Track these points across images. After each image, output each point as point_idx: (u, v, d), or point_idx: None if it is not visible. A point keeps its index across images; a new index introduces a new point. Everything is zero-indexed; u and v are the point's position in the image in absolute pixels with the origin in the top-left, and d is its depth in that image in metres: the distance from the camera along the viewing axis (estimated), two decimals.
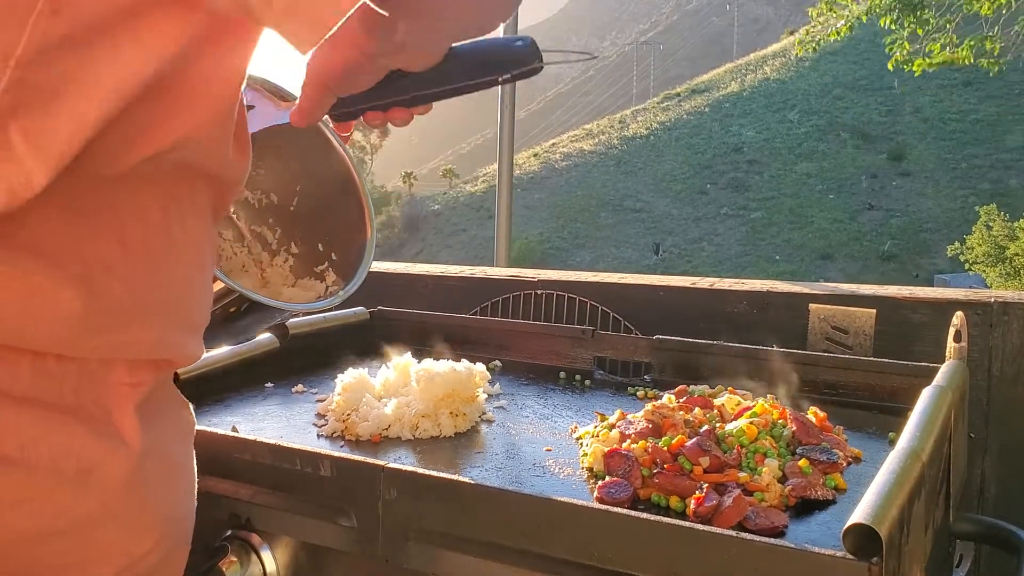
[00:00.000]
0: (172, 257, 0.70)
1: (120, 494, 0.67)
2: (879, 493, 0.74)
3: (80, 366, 0.64)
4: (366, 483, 0.93)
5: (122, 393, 0.67)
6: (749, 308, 1.77)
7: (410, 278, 2.21)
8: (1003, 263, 26.51)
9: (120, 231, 0.64)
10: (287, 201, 1.15)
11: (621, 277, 2.02)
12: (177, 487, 0.77)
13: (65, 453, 0.63)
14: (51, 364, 0.62)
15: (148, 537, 0.71)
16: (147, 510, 0.71)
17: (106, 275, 0.63)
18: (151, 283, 0.67)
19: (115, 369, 0.67)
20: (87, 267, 0.62)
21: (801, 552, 0.71)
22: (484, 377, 1.30)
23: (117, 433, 0.67)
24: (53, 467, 0.62)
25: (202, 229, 0.73)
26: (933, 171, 48.36)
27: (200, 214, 0.73)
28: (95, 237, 0.62)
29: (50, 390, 0.62)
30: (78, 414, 0.64)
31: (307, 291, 1.13)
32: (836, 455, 1.01)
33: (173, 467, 0.76)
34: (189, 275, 0.73)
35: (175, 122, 0.64)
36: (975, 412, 1.54)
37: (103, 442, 0.65)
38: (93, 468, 0.64)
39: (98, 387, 0.66)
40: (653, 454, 0.98)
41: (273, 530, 1.03)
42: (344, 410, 1.21)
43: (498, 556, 0.87)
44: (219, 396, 1.34)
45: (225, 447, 1.03)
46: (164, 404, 0.75)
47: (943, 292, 1.70)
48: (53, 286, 0.60)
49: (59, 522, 0.63)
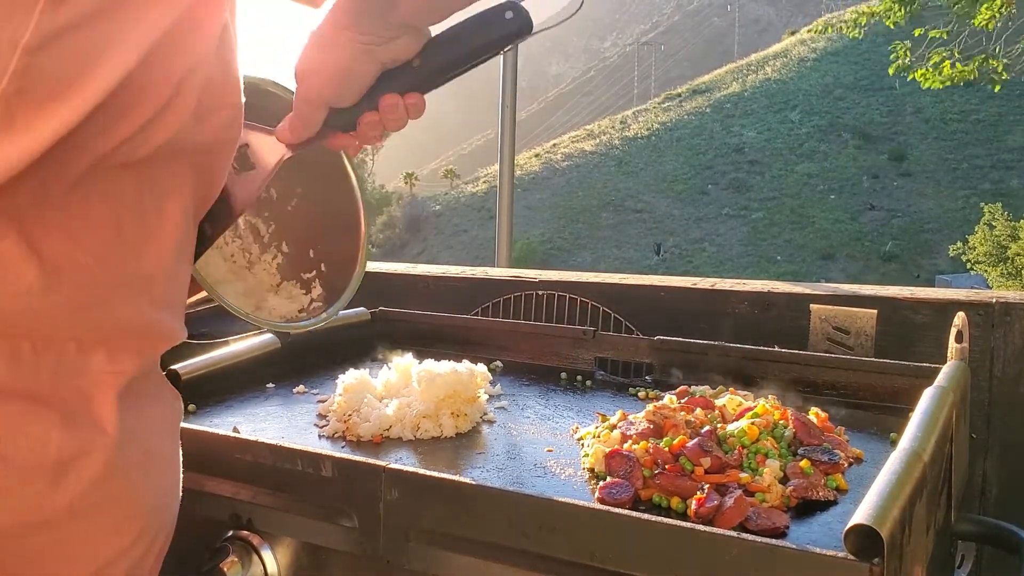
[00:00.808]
0: (147, 236, 0.68)
1: (100, 485, 0.66)
2: (880, 494, 0.74)
3: (57, 354, 0.63)
4: (367, 484, 0.93)
5: (102, 381, 0.66)
6: (750, 309, 1.77)
7: (411, 278, 2.21)
8: (1004, 263, 26.51)
9: (86, 207, 0.63)
10: (286, 200, 1.14)
11: (622, 278, 2.02)
12: (161, 477, 0.75)
13: (42, 445, 0.62)
14: (26, 353, 0.61)
15: (131, 528, 0.70)
16: (129, 501, 0.70)
17: (73, 247, 0.62)
18: (123, 259, 0.66)
19: (95, 356, 0.66)
20: (51, 238, 0.61)
21: (802, 553, 0.71)
22: (485, 378, 1.30)
23: (96, 423, 0.65)
24: (31, 459, 0.61)
25: (179, 212, 0.72)
26: (934, 171, 48.34)
27: (179, 199, 0.72)
28: (61, 210, 0.61)
29: (26, 380, 0.61)
30: (55, 404, 0.63)
31: (290, 301, 1.12)
32: (837, 456, 1.01)
33: (156, 457, 0.74)
34: (164, 255, 0.71)
35: (147, 107, 0.63)
36: (976, 413, 1.54)
37: (81, 432, 0.64)
38: (71, 459, 0.63)
39: (77, 375, 0.65)
40: (654, 455, 0.98)
41: (274, 531, 1.03)
42: (345, 411, 1.21)
43: (499, 557, 0.87)
44: (220, 397, 1.34)
45: (226, 448, 1.03)
46: (148, 392, 0.73)
47: (944, 292, 1.70)
48: (15, 257, 0.59)
49: (38, 515, 0.63)
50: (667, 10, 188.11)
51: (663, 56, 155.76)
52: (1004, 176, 46.26)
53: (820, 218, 46.20)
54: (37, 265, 0.60)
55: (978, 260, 27.91)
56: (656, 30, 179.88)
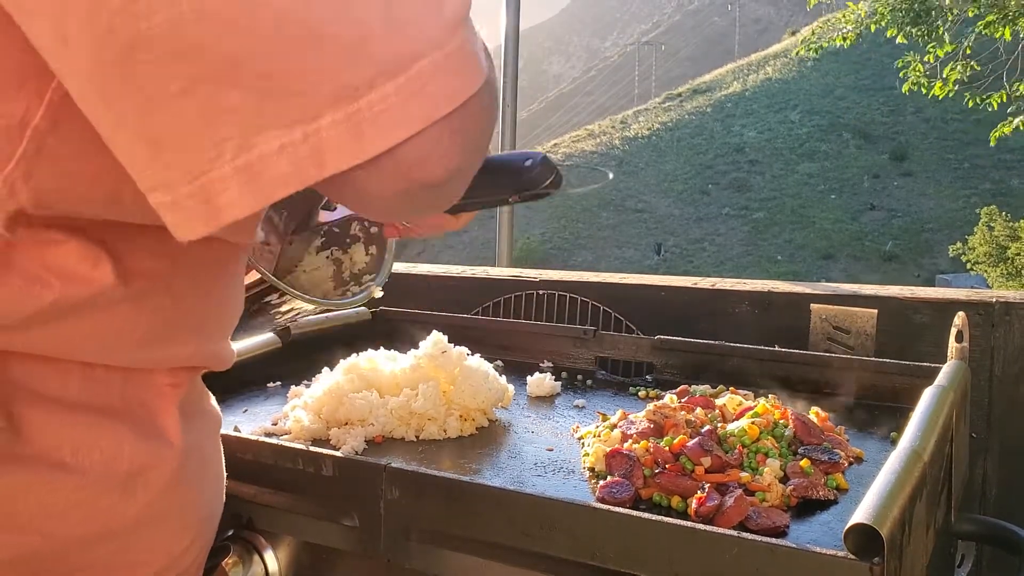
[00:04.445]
0: (215, 269, 0.70)
1: (165, 495, 0.67)
2: (880, 493, 0.74)
3: (126, 371, 0.65)
4: (368, 483, 0.93)
5: (165, 394, 0.68)
6: (751, 308, 1.77)
7: (412, 278, 2.21)
8: (1004, 263, 26.50)
9: (165, 244, 0.62)
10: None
11: (623, 277, 2.02)
12: (213, 484, 0.78)
13: (115, 456, 0.63)
14: (99, 371, 0.63)
15: (186, 535, 0.72)
16: (187, 509, 0.72)
17: (163, 292, 0.63)
18: (195, 297, 0.68)
19: (157, 372, 0.68)
20: (147, 283, 0.62)
21: (803, 552, 0.71)
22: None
23: (162, 434, 0.67)
24: (104, 471, 0.62)
25: (241, 248, 0.74)
26: (935, 171, 48.33)
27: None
28: (149, 252, 0.62)
29: (99, 395, 0.63)
30: (125, 417, 0.64)
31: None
32: (837, 455, 1.01)
33: (208, 464, 0.76)
34: (228, 285, 0.73)
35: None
36: (977, 412, 1.54)
37: (150, 444, 0.66)
38: (141, 470, 0.65)
39: (143, 389, 0.66)
40: (655, 454, 0.98)
41: (275, 530, 1.03)
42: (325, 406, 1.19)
43: (500, 556, 0.87)
44: (221, 396, 1.33)
45: (227, 447, 1.02)
46: (198, 402, 0.76)
47: (945, 292, 1.70)
48: (103, 304, 0.59)
49: (108, 526, 0.64)
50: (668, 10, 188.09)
51: (664, 56, 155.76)
52: (1005, 176, 46.25)
53: (820, 218, 46.19)
54: (124, 312, 0.61)
55: (978, 261, 27.90)
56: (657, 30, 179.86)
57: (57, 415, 0.60)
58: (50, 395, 0.60)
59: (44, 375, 0.60)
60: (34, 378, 0.59)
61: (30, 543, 0.60)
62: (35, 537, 0.60)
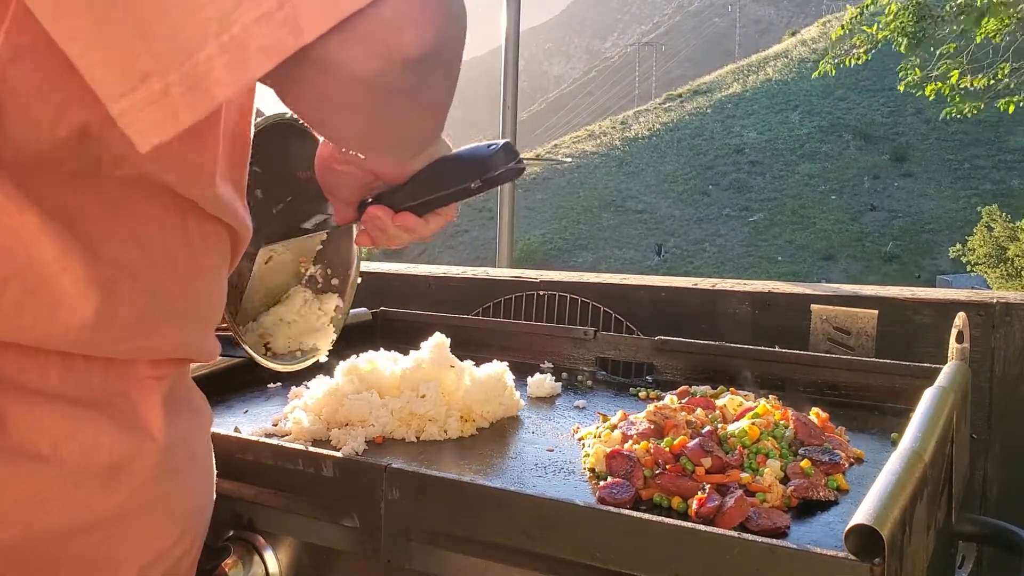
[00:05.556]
0: (194, 261, 0.70)
1: (148, 487, 0.67)
2: (881, 494, 0.74)
3: (106, 362, 0.65)
4: (368, 483, 0.93)
5: (147, 386, 0.68)
6: (751, 309, 1.77)
7: (412, 279, 2.21)
8: (1004, 264, 26.48)
9: (137, 234, 0.63)
10: (271, 203, 1.12)
11: (623, 278, 2.02)
12: (200, 480, 0.77)
13: (95, 448, 0.63)
14: (78, 362, 0.63)
15: (173, 529, 0.72)
16: (173, 503, 0.71)
17: (135, 280, 0.63)
18: (173, 289, 0.68)
19: (139, 363, 0.67)
20: (112, 271, 0.61)
21: (803, 553, 0.71)
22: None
23: (144, 427, 0.67)
24: (84, 463, 0.62)
25: (222, 231, 0.73)
26: (935, 172, 48.33)
27: (223, 232, 0.74)
28: (116, 240, 0.62)
29: (79, 386, 0.63)
30: (106, 409, 0.64)
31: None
32: (838, 456, 1.01)
33: (195, 459, 0.76)
34: (209, 279, 0.73)
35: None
36: (977, 413, 1.54)
37: (131, 436, 0.66)
38: (122, 463, 0.65)
39: (124, 380, 0.66)
40: (655, 455, 0.98)
41: (275, 530, 1.03)
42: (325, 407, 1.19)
43: (500, 556, 0.87)
44: (222, 397, 1.34)
45: (227, 448, 1.03)
46: (184, 396, 0.76)
47: (945, 293, 1.70)
48: (76, 293, 0.59)
49: (89, 518, 0.64)
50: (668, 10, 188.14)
51: (664, 57, 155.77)
52: (1005, 177, 46.23)
53: (821, 219, 46.18)
54: (96, 301, 0.60)
55: (977, 262, 27.89)
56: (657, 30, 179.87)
57: (36, 406, 0.60)
58: (30, 386, 0.60)
59: (23, 366, 0.60)
60: (13, 368, 0.59)
61: (12, 534, 0.60)
62: (16, 528, 0.60)
